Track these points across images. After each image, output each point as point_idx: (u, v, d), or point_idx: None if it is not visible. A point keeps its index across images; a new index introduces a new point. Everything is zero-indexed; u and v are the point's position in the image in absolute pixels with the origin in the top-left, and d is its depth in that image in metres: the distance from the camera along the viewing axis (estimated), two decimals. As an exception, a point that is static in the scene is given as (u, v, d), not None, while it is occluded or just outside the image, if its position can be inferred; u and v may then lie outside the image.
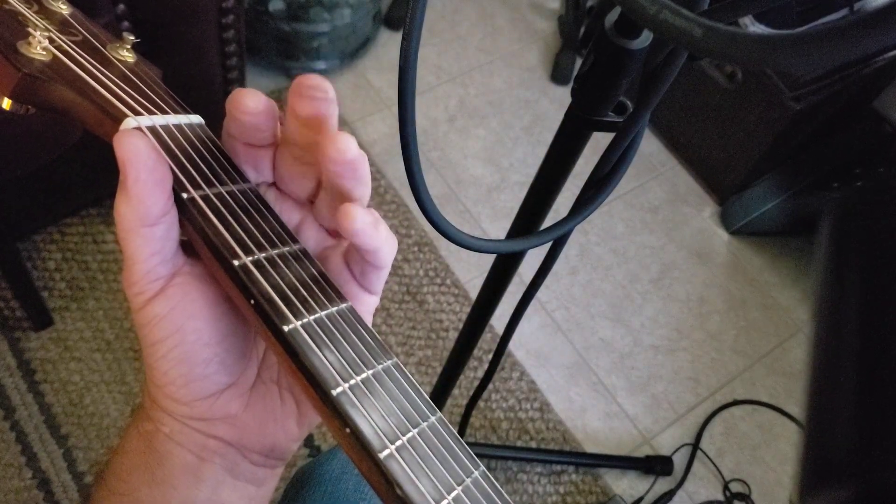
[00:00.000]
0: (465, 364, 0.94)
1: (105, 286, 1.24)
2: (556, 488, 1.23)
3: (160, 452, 0.32)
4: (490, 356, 1.27)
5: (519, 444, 1.26)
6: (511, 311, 0.75)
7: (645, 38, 0.43)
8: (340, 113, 1.53)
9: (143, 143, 0.29)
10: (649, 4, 0.25)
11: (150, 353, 0.31)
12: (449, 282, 1.38)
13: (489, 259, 0.71)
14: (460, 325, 0.88)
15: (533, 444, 1.26)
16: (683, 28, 0.24)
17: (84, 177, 1.15)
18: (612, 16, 0.43)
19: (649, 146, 1.64)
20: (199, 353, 0.31)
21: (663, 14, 0.25)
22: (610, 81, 0.47)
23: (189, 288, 0.31)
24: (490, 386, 1.29)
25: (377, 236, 0.31)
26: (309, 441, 1.20)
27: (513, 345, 1.33)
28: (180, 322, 0.30)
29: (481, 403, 1.28)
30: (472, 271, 1.40)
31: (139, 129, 0.30)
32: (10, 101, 0.31)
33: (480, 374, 1.29)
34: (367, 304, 0.35)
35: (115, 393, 1.16)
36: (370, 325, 0.32)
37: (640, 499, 1.24)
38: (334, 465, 0.59)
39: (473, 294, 0.79)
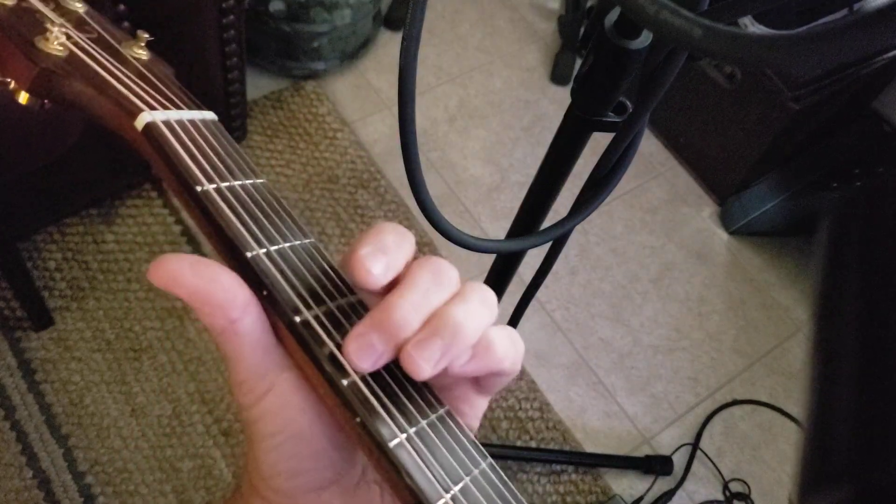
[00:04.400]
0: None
1: (105, 286, 1.24)
2: (555, 488, 1.23)
3: None
4: (490, 356, 1.27)
5: (519, 443, 1.26)
6: (511, 311, 0.75)
7: (645, 38, 0.43)
8: (340, 113, 1.53)
9: (174, 263, 0.27)
10: (649, 4, 0.25)
11: (259, 447, 0.30)
12: (449, 282, 1.38)
13: (489, 259, 0.71)
14: (460, 325, 0.89)
15: (533, 444, 1.26)
16: (683, 28, 0.24)
17: (84, 177, 1.15)
18: (612, 16, 0.43)
19: (649, 146, 1.65)
20: (310, 446, 0.30)
21: (663, 14, 0.25)
22: (610, 82, 0.47)
23: (300, 382, 0.30)
24: (490, 386, 1.29)
25: (518, 356, 0.30)
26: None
27: (513, 345, 1.33)
28: (292, 416, 0.29)
29: (481, 403, 1.28)
30: (472, 271, 1.40)
31: (168, 123, 0.30)
32: (28, 95, 0.32)
33: (480, 373, 1.29)
34: (477, 408, 0.33)
35: (116, 393, 1.16)
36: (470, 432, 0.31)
37: (640, 498, 1.24)
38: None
39: (473, 294, 0.80)
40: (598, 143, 0.53)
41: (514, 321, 0.76)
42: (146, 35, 0.36)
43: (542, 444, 1.26)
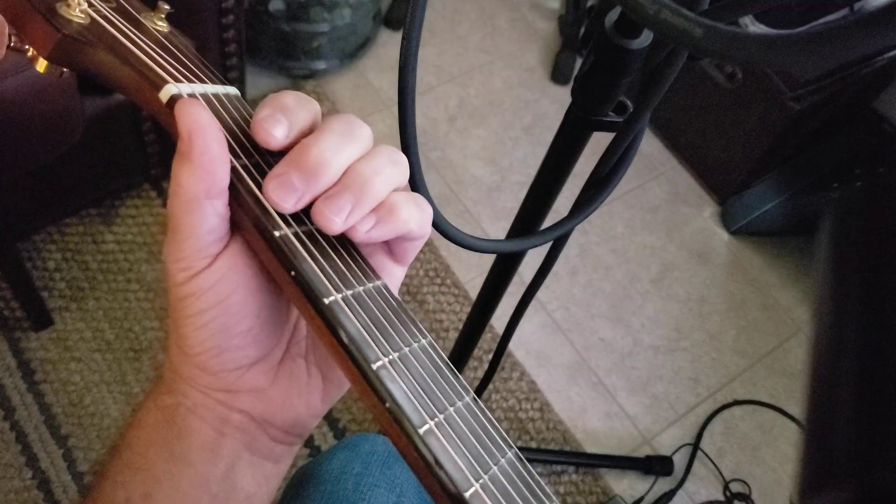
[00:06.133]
0: (465, 364, 0.94)
1: (105, 286, 1.24)
2: (556, 488, 1.23)
3: (180, 427, 0.32)
4: (490, 356, 1.27)
5: (519, 444, 1.26)
6: (511, 311, 0.75)
7: (645, 38, 0.43)
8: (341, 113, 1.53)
9: (207, 113, 0.28)
10: (649, 4, 0.25)
11: (188, 323, 0.31)
12: (449, 282, 1.38)
13: (489, 259, 0.71)
14: (460, 325, 0.88)
15: (533, 444, 1.26)
16: (683, 28, 0.24)
17: (84, 177, 1.15)
18: (612, 16, 0.43)
19: (649, 146, 1.64)
20: (238, 324, 0.31)
21: (663, 14, 0.25)
22: (610, 81, 0.47)
23: (235, 261, 0.30)
24: (490, 386, 1.29)
25: (425, 219, 0.31)
26: (309, 441, 1.20)
27: (513, 345, 1.33)
28: (224, 294, 0.30)
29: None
30: (472, 271, 1.40)
31: (193, 96, 0.30)
32: (46, 64, 0.31)
33: (480, 374, 1.29)
34: (394, 277, 0.35)
35: (115, 393, 1.16)
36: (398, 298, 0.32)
37: (641, 499, 1.24)
38: (334, 465, 0.59)
39: (473, 294, 0.79)
40: (598, 143, 0.53)
41: (514, 321, 0.76)
42: (166, 6, 0.35)
43: (543, 445, 1.26)
